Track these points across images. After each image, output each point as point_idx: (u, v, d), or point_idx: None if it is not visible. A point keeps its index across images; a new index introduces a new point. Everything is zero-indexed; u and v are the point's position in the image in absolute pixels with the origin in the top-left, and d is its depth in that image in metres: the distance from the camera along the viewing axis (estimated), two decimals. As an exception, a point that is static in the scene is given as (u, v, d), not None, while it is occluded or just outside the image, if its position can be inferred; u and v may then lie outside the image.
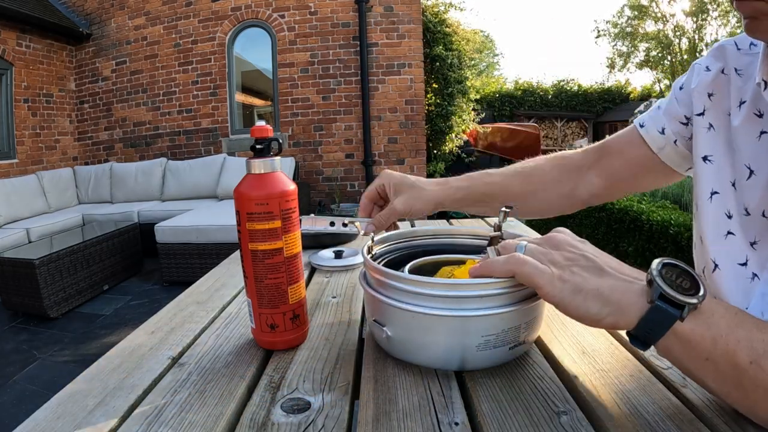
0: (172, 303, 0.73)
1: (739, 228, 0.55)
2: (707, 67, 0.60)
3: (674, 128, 0.64)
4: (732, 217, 0.55)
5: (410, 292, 0.47)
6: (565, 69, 50.40)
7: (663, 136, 0.65)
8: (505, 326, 0.47)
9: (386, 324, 0.49)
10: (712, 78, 0.60)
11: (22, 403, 2.08)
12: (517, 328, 0.47)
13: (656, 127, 0.66)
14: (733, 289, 0.54)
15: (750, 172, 0.53)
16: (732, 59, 0.58)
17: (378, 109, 5.13)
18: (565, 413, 0.41)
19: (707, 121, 0.59)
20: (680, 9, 18.88)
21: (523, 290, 0.46)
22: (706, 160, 0.59)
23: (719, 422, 0.39)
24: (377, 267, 0.50)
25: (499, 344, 0.47)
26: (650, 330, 0.36)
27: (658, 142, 0.66)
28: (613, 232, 3.22)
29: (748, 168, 0.53)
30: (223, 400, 0.45)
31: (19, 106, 4.92)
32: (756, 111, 0.53)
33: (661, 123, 0.65)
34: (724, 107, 0.58)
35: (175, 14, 5.32)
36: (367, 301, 0.55)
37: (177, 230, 3.56)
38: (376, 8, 5.03)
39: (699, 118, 0.60)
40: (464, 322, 0.46)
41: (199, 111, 5.40)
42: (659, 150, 0.66)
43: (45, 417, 0.43)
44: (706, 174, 0.59)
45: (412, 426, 0.40)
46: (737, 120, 0.55)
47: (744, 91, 0.56)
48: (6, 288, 3.07)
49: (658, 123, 0.66)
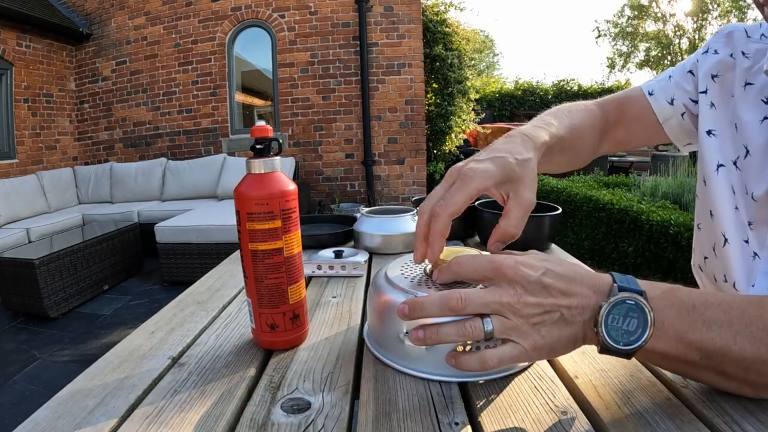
0: (172, 303, 0.73)
1: (742, 204, 0.56)
2: (716, 51, 0.62)
3: (684, 101, 0.64)
4: (735, 193, 0.57)
5: None
6: (565, 69, 50.37)
7: (671, 107, 0.65)
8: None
9: None
10: (718, 60, 0.61)
11: (22, 403, 2.08)
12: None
13: (666, 97, 0.66)
14: (740, 266, 0.55)
15: (746, 152, 0.55)
16: (740, 44, 0.60)
17: (378, 109, 5.14)
18: (565, 413, 0.41)
19: (710, 100, 0.61)
20: (680, 9, 18.89)
21: None
22: (710, 134, 0.60)
23: (719, 422, 0.39)
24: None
25: None
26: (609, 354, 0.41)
27: (665, 112, 0.66)
28: (613, 232, 3.21)
29: (746, 148, 0.55)
30: (223, 400, 0.45)
31: (19, 106, 4.92)
32: (764, 98, 0.55)
33: (670, 93, 0.65)
34: (728, 88, 0.60)
35: (175, 14, 5.33)
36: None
37: (177, 230, 3.56)
38: (376, 8, 5.03)
39: (702, 95, 0.62)
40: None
41: (199, 111, 5.40)
42: (665, 121, 0.66)
43: (45, 417, 0.43)
44: (712, 147, 0.60)
45: (412, 426, 0.40)
46: (742, 101, 0.57)
47: (750, 74, 0.57)
48: (6, 288, 3.07)
49: (668, 92, 0.65)
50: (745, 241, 0.55)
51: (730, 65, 0.60)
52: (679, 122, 0.65)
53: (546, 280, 0.40)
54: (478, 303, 0.40)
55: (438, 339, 0.41)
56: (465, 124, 5.92)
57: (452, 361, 0.42)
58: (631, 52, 17.24)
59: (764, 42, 0.57)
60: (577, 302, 0.40)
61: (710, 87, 0.61)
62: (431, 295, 0.42)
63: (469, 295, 0.40)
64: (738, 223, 0.56)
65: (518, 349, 0.40)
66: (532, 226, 0.96)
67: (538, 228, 0.98)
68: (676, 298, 0.41)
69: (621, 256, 3.09)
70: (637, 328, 0.39)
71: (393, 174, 5.26)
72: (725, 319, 0.39)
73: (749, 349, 0.38)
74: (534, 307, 0.39)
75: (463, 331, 0.40)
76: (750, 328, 0.38)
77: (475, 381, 0.47)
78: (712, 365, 0.40)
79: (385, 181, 5.26)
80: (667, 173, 4.06)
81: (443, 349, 0.45)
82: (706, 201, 0.61)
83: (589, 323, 0.40)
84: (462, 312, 0.40)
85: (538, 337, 0.39)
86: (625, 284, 0.40)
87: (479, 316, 0.40)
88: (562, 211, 0.96)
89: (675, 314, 0.40)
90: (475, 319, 0.40)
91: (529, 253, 0.44)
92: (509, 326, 0.40)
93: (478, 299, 0.40)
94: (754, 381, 0.40)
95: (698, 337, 0.39)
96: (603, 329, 0.39)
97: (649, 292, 0.40)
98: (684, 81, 0.65)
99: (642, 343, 0.39)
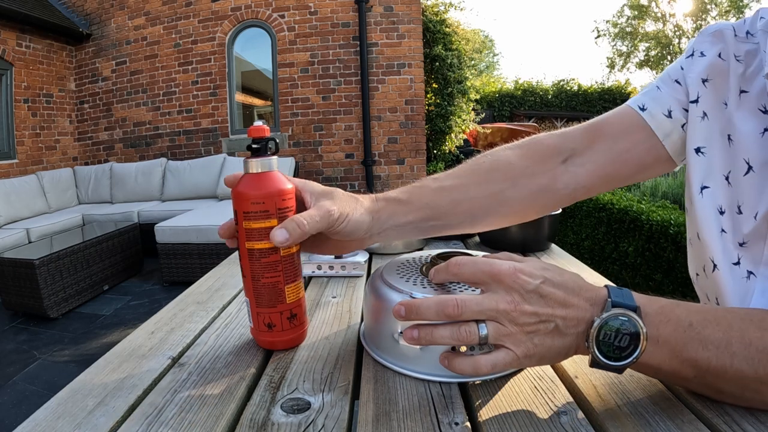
0: (172, 303, 0.73)
1: (730, 225, 0.52)
2: (702, 53, 0.57)
3: (681, 111, 0.57)
4: (724, 213, 0.53)
5: None
6: (565, 69, 50.39)
7: (670, 120, 0.57)
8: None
9: None
10: (708, 63, 0.55)
11: (22, 403, 2.08)
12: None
13: (662, 110, 0.58)
14: (731, 290, 0.52)
15: (749, 167, 0.50)
16: (730, 45, 0.54)
17: (378, 109, 5.14)
18: (565, 413, 0.41)
19: (701, 110, 0.55)
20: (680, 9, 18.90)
21: None
22: (699, 152, 0.55)
23: (719, 422, 0.39)
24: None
25: None
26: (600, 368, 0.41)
27: (664, 127, 0.58)
28: (613, 232, 3.21)
29: (747, 163, 0.50)
30: (223, 400, 0.45)
31: (19, 107, 4.93)
32: (761, 107, 0.50)
33: (666, 104, 0.58)
34: (720, 95, 0.54)
35: (175, 14, 5.33)
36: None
37: (177, 230, 3.56)
38: (376, 8, 5.03)
39: (693, 105, 0.56)
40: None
41: (199, 111, 5.40)
42: (665, 137, 0.58)
43: (45, 417, 0.43)
44: (698, 167, 0.55)
45: (412, 426, 0.40)
46: (737, 111, 0.52)
47: (745, 80, 0.52)
48: (6, 288, 3.07)
49: (663, 104, 0.58)
50: (735, 263, 0.51)
51: (721, 68, 0.55)
52: (681, 136, 0.58)
53: (544, 290, 0.40)
54: (474, 310, 0.40)
55: (432, 340, 0.41)
56: (465, 124, 5.93)
57: (445, 362, 0.42)
58: (630, 52, 17.26)
59: (752, 41, 0.52)
60: (573, 314, 0.40)
61: (702, 93, 0.55)
62: (428, 299, 0.41)
63: (465, 302, 0.40)
64: (725, 246, 0.52)
65: (510, 356, 0.40)
66: (532, 225, 0.96)
67: (538, 228, 0.98)
68: (674, 314, 0.40)
69: (621, 255, 3.09)
70: (629, 345, 0.39)
71: (393, 174, 5.26)
72: (723, 339, 0.38)
73: (747, 371, 0.37)
74: (530, 316, 0.39)
75: (458, 336, 0.40)
76: (749, 349, 0.37)
77: (471, 382, 0.47)
78: (707, 382, 0.40)
79: (385, 181, 5.26)
80: (666, 173, 4.05)
81: (437, 349, 0.45)
82: (694, 222, 0.57)
83: (582, 336, 0.40)
84: (458, 318, 0.40)
85: (531, 345, 0.40)
86: (620, 299, 0.39)
87: (474, 321, 0.40)
88: (561, 211, 0.96)
89: (671, 331, 0.39)
90: (471, 323, 0.40)
91: (528, 259, 0.44)
92: (504, 333, 0.39)
93: (474, 306, 0.40)
94: (750, 398, 0.39)
95: (693, 355, 0.39)
96: (594, 345, 0.39)
97: (645, 308, 0.40)
98: (674, 91, 0.58)
99: (633, 360, 0.39)
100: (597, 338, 0.39)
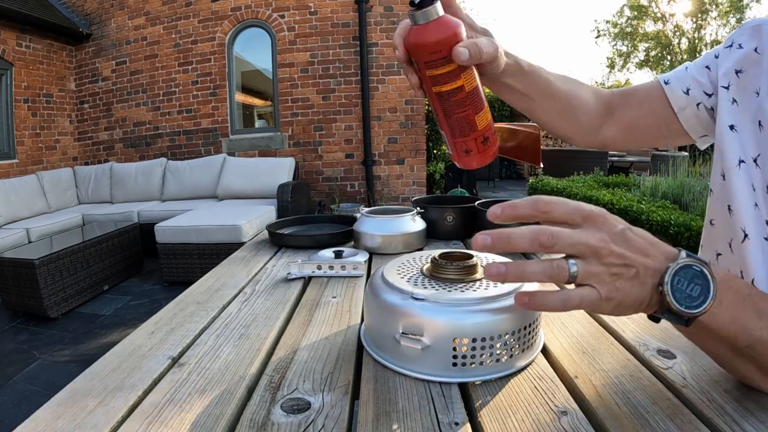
0: (172, 303, 0.73)
1: (762, 202, 0.56)
2: (740, 45, 0.61)
3: (699, 93, 0.64)
4: (756, 191, 0.57)
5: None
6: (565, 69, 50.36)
7: (686, 97, 0.65)
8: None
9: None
10: (743, 56, 0.60)
11: (22, 403, 2.08)
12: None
13: (681, 87, 0.65)
14: (759, 263, 0.55)
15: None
16: (766, 40, 0.59)
17: (378, 109, 5.14)
18: (565, 413, 0.41)
19: (731, 96, 0.60)
20: (680, 9, 18.90)
21: None
22: (733, 128, 0.59)
23: (719, 422, 0.39)
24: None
25: None
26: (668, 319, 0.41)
27: (680, 101, 0.65)
28: (613, 232, 3.22)
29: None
30: (223, 400, 0.45)
31: (19, 106, 4.92)
32: None
33: (686, 83, 0.65)
34: (753, 85, 0.59)
35: (175, 14, 5.32)
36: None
37: (177, 230, 3.55)
38: (376, 8, 5.03)
39: (724, 90, 0.61)
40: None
41: (199, 111, 5.40)
42: (680, 110, 0.65)
43: (45, 417, 0.43)
44: (734, 143, 0.59)
45: (412, 426, 0.40)
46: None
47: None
48: (6, 288, 3.07)
49: (684, 82, 0.65)
50: (766, 238, 0.55)
51: (755, 60, 0.59)
52: (695, 113, 0.65)
53: (629, 234, 0.40)
54: (567, 242, 0.39)
55: (521, 275, 0.40)
56: (465, 124, 5.92)
57: (525, 299, 0.41)
58: (630, 52, 17.25)
59: None
60: (652, 264, 0.40)
61: (733, 82, 0.60)
62: (520, 228, 0.41)
63: (559, 233, 0.39)
64: (759, 219, 0.56)
65: (595, 294, 0.39)
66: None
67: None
68: (735, 283, 0.42)
69: (621, 256, 3.08)
70: (700, 295, 0.39)
71: (393, 174, 5.26)
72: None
73: None
74: (617, 257, 0.39)
75: (551, 271, 0.40)
76: None
77: (471, 382, 0.47)
78: (755, 355, 0.41)
79: (385, 181, 5.26)
80: (666, 173, 4.06)
81: (439, 349, 0.45)
82: (725, 196, 0.60)
83: (656, 288, 0.40)
84: (551, 249, 0.39)
85: (613, 287, 0.39)
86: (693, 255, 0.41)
87: (564, 259, 0.40)
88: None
89: (732, 297, 0.41)
90: (561, 260, 0.40)
91: None
92: (591, 272, 0.39)
93: (567, 238, 0.39)
94: None
95: (749, 324, 0.40)
96: (668, 288, 0.39)
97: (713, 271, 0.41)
98: (700, 75, 0.65)
99: (703, 309, 0.39)
100: (671, 283, 0.39)
